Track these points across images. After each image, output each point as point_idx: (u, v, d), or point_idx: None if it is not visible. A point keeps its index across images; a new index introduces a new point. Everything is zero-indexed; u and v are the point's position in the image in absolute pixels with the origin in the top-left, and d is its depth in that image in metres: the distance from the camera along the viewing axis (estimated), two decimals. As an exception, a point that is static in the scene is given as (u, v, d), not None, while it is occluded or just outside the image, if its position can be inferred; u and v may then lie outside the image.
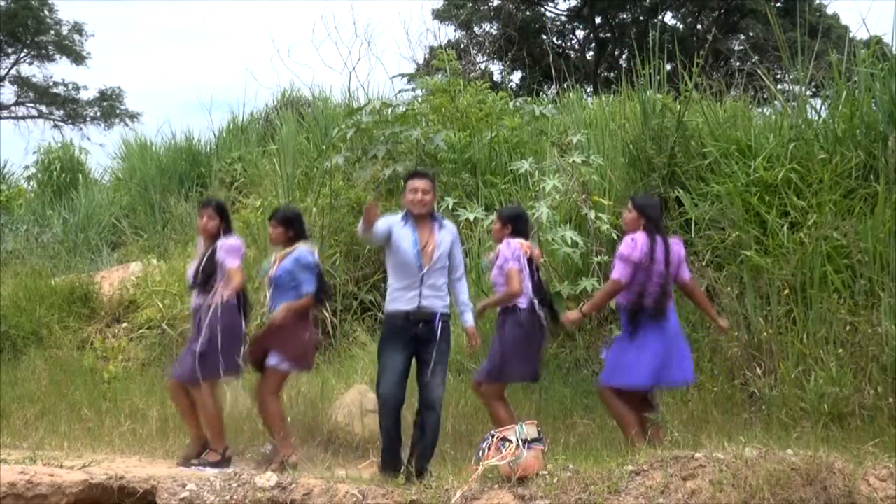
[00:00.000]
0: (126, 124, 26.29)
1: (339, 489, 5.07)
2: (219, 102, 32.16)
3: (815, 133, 7.51)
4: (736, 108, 8.81)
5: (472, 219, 7.64)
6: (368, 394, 6.82)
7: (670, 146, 7.85)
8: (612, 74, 21.46)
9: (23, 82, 27.30)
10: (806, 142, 7.40)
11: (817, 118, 7.81)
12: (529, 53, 21.11)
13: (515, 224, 5.99)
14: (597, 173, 8.04)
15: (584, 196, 7.67)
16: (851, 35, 10.61)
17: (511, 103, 10.36)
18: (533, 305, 5.81)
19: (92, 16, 50.30)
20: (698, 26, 23.33)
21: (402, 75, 13.00)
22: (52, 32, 26.77)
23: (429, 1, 25.31)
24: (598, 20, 24.37)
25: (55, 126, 26.94)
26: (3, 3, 25.89)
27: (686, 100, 8.03)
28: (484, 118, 9.98)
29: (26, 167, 15.23)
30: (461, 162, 9.65)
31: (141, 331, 9.32)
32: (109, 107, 27.21)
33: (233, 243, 6.01)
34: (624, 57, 23.55)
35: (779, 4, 20.74)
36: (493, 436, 5.03)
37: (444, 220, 5.81)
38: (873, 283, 6.43)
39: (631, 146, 8.23)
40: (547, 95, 15.88)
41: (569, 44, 25.45)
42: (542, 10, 24.49)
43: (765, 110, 9.72)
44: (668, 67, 9.79)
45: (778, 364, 6.36)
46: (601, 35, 24.66)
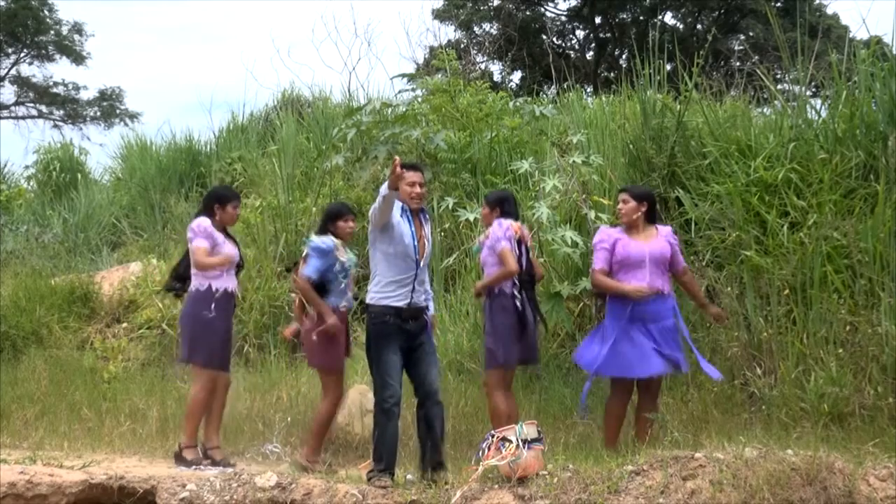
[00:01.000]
0: (126, 124, 26.26)
1: (339, 489, 5.08)
2: (219, 102, 32.01)
3: (815, 133, 7.50)
4: (736, 108, 8.80)
5: (471, 219, 7.63)
6: (368, 394, 6.80)
7: (670, 146, 7.85)
8: (612, 74, 21.44)
9: (23, 82, 27.27)
10: (806, 142, 7.40)
11: (817, 118, 7.81)
12: (529, 53, 21.08)
13: (503, 206, 6.04)
14: (597, 173, 8.04)
15: (584, 196, 7.67)
16: (851, 35, 10.59)
17: (511, 103, 10.36)
18: (518, 287, 5.82)
19: (92, 16, 50.44)
20: (698, 26, 23.32)
21: (402, 75, 12.99)
22: (52, 32, 26.73)
23: (429, 1, 25.36)
24: (598, 20, 24.35)
25: (55, 126, 26.92)
26: (3, 3, 25.87)
27: (686, 100, 8.03)
28: (484, 118, 9.98)
29: (26, 167, 15.22)
30: (461, 162, 9.64)
31: (141, 331, 9.32)
32: (109, 107, 27.17)
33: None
34: (624, 57, 23.55)
35: (779, 4, 20.73)
36: (492, 436, 5.04)
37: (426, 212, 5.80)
38: (873, 283, 6.42)
39: (631, 146, 8.23)
40: (547, 95, 15.85)
41: (569, 44, 25.44)
42: (542, 10, 24.47)
43: (765, 110, 9.71)
44: (668, 67, 9.77)
45: (778, 364, 6.36)
46: (601, 35, 24.65)
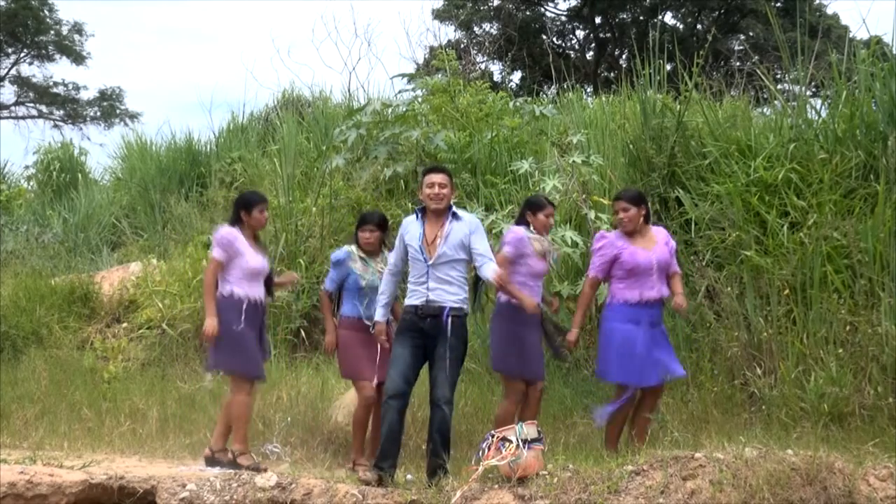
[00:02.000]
0: (126, 124, 26.23)
1: (339, 489, 5.08)
2: (219, 102, 31.96)
3: (815, 133, 7.51)
4: (736, 108, 8.80)
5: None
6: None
7: (670, 146, 7.85)
8: (612, 74, 21.46)
9: (23, 82, 27.24)
10: (806, 142, 7.40)
11: (817, 118, 7.81)
12: (529, 53, 21.07)
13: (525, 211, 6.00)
14: (597, 173, 8.04)
15: (584, 196, 7.67)
16: (851, 35, 10.60)
17: (511, 103, 10.37)
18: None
19: (92, 16, 50.30)
20: (698, 26, 23.33)
21: (402, 75, 12.97)
22: (52, 32, 26.71)
23: (429, 1, 25.35)
24: (598, 20, 24.36)
25: (55, 126, 26.90)
26: (3, 3, 25.85)
27: (686, 100, 8.03)
28: (484, 118, 9.98)
29: (26, 167, 15.24)
30: (461, 162, 9.64)
31: (141, 331, 9.30)
32: (109, 107, 27.14)
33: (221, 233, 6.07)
34: (624, 57, 23.55)
35: (779, 4, 20.74)
36: (493, 436, 5.04)
37: (465, 214, 5.62)
38: (873, 283, 6.42)
39: (631, 146, 8.23)
40: (547, 95, 15.87)
41: (569, 44, 25.45)
42: (542, 10, 24.48)
43: (765, 110, 9.73)
44: (668, 67, 9.78)
45: (778, 364, 6.35)
46: (601, 35, 24.65)
